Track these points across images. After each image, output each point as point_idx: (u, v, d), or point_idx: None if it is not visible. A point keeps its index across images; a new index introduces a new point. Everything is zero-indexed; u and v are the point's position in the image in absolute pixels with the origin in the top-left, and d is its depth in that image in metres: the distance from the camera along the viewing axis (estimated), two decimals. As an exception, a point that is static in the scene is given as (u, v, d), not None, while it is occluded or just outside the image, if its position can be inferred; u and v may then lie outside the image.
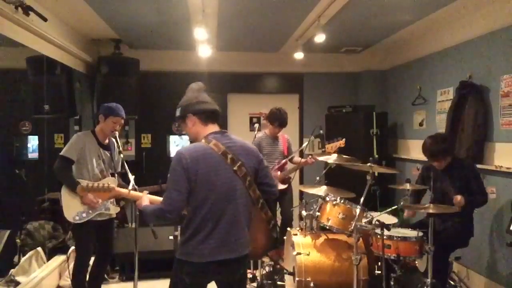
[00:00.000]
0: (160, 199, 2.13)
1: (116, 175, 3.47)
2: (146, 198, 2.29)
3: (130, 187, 2.59)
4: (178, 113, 2.23)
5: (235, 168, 2.07)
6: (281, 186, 4.48)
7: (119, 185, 3.43)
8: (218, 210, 2.04)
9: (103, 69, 5.24)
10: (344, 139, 3.93)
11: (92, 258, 3.60)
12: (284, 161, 4.42)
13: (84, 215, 3.25)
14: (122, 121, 3.42)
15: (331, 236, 3.47)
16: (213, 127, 2.19)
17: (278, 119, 4.44)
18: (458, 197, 3.26)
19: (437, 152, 3.42)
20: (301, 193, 5.73)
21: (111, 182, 3.39)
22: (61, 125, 5.33)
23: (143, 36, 5.25)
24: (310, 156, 4.38)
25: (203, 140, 2.12)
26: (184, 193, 2.00)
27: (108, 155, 3.45)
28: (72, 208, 3.23)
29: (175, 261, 2.10)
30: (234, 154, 2.09)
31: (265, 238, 2.26)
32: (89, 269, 3.58)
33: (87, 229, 3.30)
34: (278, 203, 4.58)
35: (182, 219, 2.11)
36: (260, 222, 2.20)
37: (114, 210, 3.45)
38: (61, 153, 3.26)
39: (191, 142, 2.24)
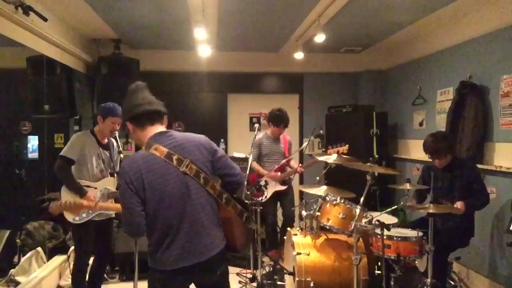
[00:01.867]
0: None
1: (115, 175, 3.47)
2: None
3: (97, 198, 2.58)
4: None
5: (183, 169, 1.95)
6: (281, 187, 4.48)
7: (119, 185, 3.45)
8: (175, 217, 1.94)
9: (103, 69, 5.24)
10: (347, 146, 3.93)
11: (92, 258, 3.61)
12: (283, 161, 4.42)
13: (84, 215, 3.25)
14: (121, 121, 3.42)
15: (331, 236, 3.47)
16: (153, 129, 2.06)
17: (283, 120, 4.45)
18: (458, 204, 3.26)
19: (438, 149, 3.42)
20: (301, 193, 5.73)
21: (110, 182, 3.41)
22: (61, 125, 5.33)
23: (143, 36, 5.25)
24: (300, 165, 4.44)
25: (143, 148, 2.01)
26: (138, 207, 1.91)
27: (108, 154, 3.46)
28: None
29: (148, 268, 2.04)
30: (179, 154, 1.96)
31: (242, 231, 2.14)
32: (89, 269, 3.59)
33: (86, 229, 3.30)
34: (279, 203, 4.58)
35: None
36: (231, 217, 2.08)
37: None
38: (61, 154, 3.26)
39: (136, 148, 2.19)
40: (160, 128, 2.09)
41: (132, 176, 1.91)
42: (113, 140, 3.53)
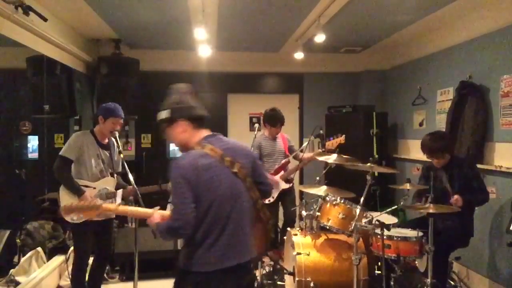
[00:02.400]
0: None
1: (115, 175, 3.47)
2: (157, 215, 2.11)
3: (118, 200, 2.48)
4: (164, 115, 2.11)
5: (235, 170, 1.99)
6: (285, 186, 4.48)
7: (118, 185, 3.45)
8: (223, 217, 1.96)
9: (103, 69, 5.24)
10: (344, 136, 3.93)
11: (92, 259, 3.61)
12: (285, 160, 4.41)
13: (82, 215, 3.24)
14: (122, 121, 3.42)
15: (331, 236, 3.47)
16: (205, 132, 2.11)
17: (279, 119, 4.44)
18: (456, 197, 3.26)
19: (436, 149, 3.42)
20: (301, 193, 5.73)
21: (110, 182, 3.41)
22: (61, 125, 5.33)
23: (143, 36, 5.25)
24: (311, 154, 4.40)
25: (198, 147, 2.03)
26: (190, 204, 1.90)
27: (108, 155, 3.45)
28: None
29: (178, 272, 2.01)
30: (231, 156, 2.00)
31: (263, 239, 2.19)
32: (89, 269, 3.59)
33: (85, 229, 3.29)
34: (280, 203, 4.57)
35: None
36: (259, 223, 2.13)
37: None
38: (60, 153, 3.26)
39: (179, 149, 2.14)
40: (209, 131, 2.13)
41: (189, 172, 1.92)
42: (114, 140, 3.52)
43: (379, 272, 3.18)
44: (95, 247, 3.52)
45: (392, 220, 3.53)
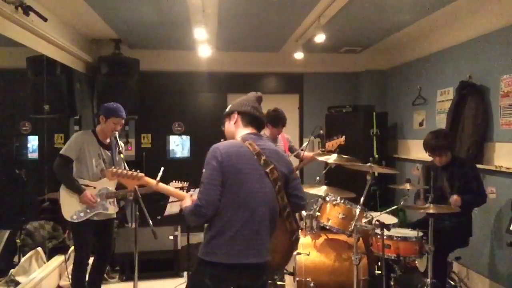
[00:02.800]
0: None
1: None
2: (188, 200, 2.18)
3: (158, 178, 2.46)
4: (228, 109, 2.24)
5: (267, 170, 2.03)
6: None
7: (118, 185, 3.45)
8: (247, 211, 1.98)
9: (103, 69, 5.24)
10: (344, 136, 3.93)
11: (92, 259, 3.61)
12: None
13: (82, 214, 3.25)
14: (123, 122, 3.42)
15: (331, 236, 3.47)
16: (249, 129, 2.18)
17: (280, 120, 4.43)
18: (455, 197, 3.26)
19: (438, 147, 3.42)
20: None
21: (110, 182, 3.40)
22: (61, 125, 5.33)
23: (143, 36, 5.25)
24: (312, 154, 4.39)
25: (239, 138, 2.12)
26: (218, 186, 1.96)
27: (109, 154, 3.45)
28: (71, 207, 3.24)
29: (198, 261, 2.03)
30: (267, 157, 2.06)
31: (285, 250, 2.18)
32: (89, 269, 3.59)
33: (85, 229, 3.30)
34: None
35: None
36: (283, 232, 2.13)
37: (112, 210, 3.45)
38: (61, 152, 3.26)
39: (227, 139, 2.22)
40: (255, 131, 2.20)
41: (225, 156, 1.99)
42: (115, 140, 3.52)
43: (379, 272, 3.17)
44: (95, 248, 3.53)
45: (392, 220, 3.53)
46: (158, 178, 2.43)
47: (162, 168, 2.58)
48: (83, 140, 3.32)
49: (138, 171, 2.49)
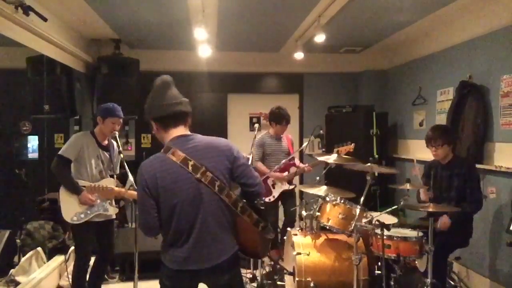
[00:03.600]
0: None
1: (115, 176, 3.46)
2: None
3: (127, 186, 2.58)
4: (145, 115, 2.09)
5: (198, 176, 1.93)
6: (287, 187, 4.47)
7: (117, 186, 3.45)
8: (187, 222, 1.95)
9: (103, 69, 5.24)
10: (353, 144, 3.97)
11: (92, 259, 3.61)
12: (285, 161, 4.41)
13: (82, 215, 3.25)
14: (121, 121, 3.42)
15: (331, 236, 3.47)
16: (175, 131, 2.03)
17: (284, 117, 4.44)
18: (443, 219, 3.32)
19: (433, 136, 3.46)
20: (301, 193, 5.73)
21: (110, 183, 3.41)
22: (61, 125, 5.34)
23: (143, 36, 5.25)
24: (307, 165, 4.43)
25: (162, 150, 2.01)
26: (152, 212, 1.95)
27: (108, 156, 3.45)
28: (70, 209, 3.24)
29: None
30: (196, 160, 1.94)
31: (259, 239, 2.11)
32: (90, 269, 3.59)
33: (86, 229, 3.30)
34: (281, 202, 4.56)
35: None
36: (247, 225, 2.05)
37: (113, 211, 3.46)
38: (59, 153, 3.26)
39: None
40: (182, 130, 2.06)
41: (148, 179, 1.94)
42: (113, 142, 3.52)
43: (379, 272, 3.17)
44: (97, 248, 3.53)
45: (392, 220, 3.53)
46: (126, 187, 2.58)
47: (130, 176, 2.71)
48: (82, 141, 3.32)
49: (107, 185, 2.63)
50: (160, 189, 1.93)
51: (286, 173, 4.43)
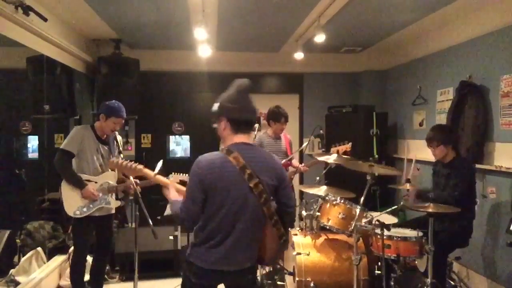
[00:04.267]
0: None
1: (115, 169, 3.48)
2: (172, 190, 2.29)
3: (157, 170, 2.56)
4: (215, 108, 2.15)
5: (251, 184, 2.02)
6: None
7: (119, 179, 3.47)
8: (228, 224, 2.03)
9: (103, 69, 5.24)
10: (350, 143, 3.96)
11: (91, 259, 3.61)
12: (285, 161, 4.41)
13: (84, 209, 3.26)
14: (123, 122, 3.43)
15: (331, 236, 3.47)
16: (242, 138, 2.12)
17: (282, 115, 4.44)
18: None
19: (431, 137, 3.48)
20: (301, 193, 5.73)
21: (110, 176, 3.41)
22: (61, 125, 5.33)
23: (143, 36, 5.25)
24: (303, 165, 4.43)
25: (224, 151, 2.07)
26: (198, 203, 2.00)
27: (107, 149, 3.46)
28: (73, 203, 3.24)
29: (185, 261, 2.13)
30: (253, 170, 2.02)
31: (275, 248, 2.23)
32: (90, 267, 3.60)
33: (86, 223, 3.31)
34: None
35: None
36: (272, 236, 2.17)
37: (114, 204, 3.47)
38: (61, 147, 3.27)
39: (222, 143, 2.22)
40: (247, 138, 2.15)
41: (207, 174, 2.00)
42: (118, 136, 3.54)
43: (379, 272, 3.17)
44: (95, 244, 3.54)
45: (392, 220, 3.53)
46: (156, 171, 2.51)
47: (161, 161, 2.64)
48: (83, 134, 3.34)
49: (137, 163, 2.55)
50: (213, 187, 2.00)
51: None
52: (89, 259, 3.67)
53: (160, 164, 2.62)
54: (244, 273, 2.13)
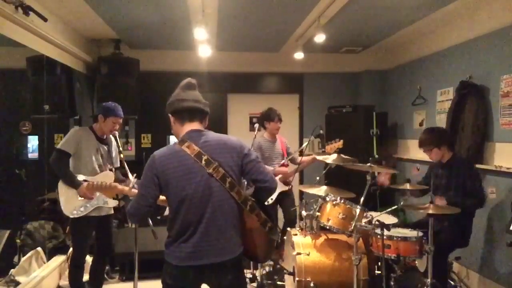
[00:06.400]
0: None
1: (114, 170, 3.48)
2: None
3: (131, 185, 2.58)
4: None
5: (210, 170, 1.96)
6: (284, 188, 4.47)
7: (116, 180, 3.46)
8: (195, 214, 1.96)
9: (103, 69, 5.24)
10: (342, 140, 3.95)
11: (90, 258, 3.61)
12: (283, 162, 4.41)
13: (82, 209, 3.26)
14: (121, 121, 3.44)
15: (331, 236, 3.47)
16: (191, 126, 2.09)
17: (276, 114, 4.45)
18: (437, 199, 3.28)
19: (423, 140, 3.48)
20: (301, 193, 5.73)
21: (109, 176, 3.42)
22: (61, 125, 5.33)
23: (143, 36, 5.25)
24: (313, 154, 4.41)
25: (177, 142, 2.05)
26: (149, 198, 1.97)
27: (106, 149, 3.47)
28: (70, 203, 3.24)
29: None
30: (210, 155, 1.98)
31: (264, 241, 2.12)
32: (90, 267, 3.60)
33: (84, 223, 3.31)
34: (279, 205, 4.56)
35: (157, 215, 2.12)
36: (254, 225, 2.07)
37: (113, 203, 3.46)
38: (58, 146, 3.27)
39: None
40: (197, 126, 2.11)
41: (160, 168, 1.97)
42: (112, 138, 3.54)
43: (379, 272, 3.17)
44: (95, 244, 3.54)
45: (392, 220, 3.53)
46: (130, 185, 2.56)
47: (134, 175, 2.71)
48: (81, 135, 3.34)
49: (110, 182, 2.59)
50: (171, 180, 1.96)
51: (279, 176, 4.39)
52: (89, 259, 3.67)
53: (134, 177, 2.70)
54: (224, 270, 2.01)
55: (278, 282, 3.81)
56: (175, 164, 1.97)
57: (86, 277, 3.78)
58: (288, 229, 3.77)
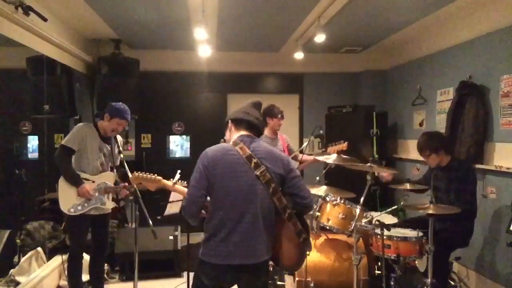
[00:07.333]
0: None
1: (114, 169, 3.48)
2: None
3: (174, 180, 2.60)
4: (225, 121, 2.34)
5: (257, 173, 2.05)
6: None
7: (117, 181, 3.47)
8: (236, 213, 2.03)
9: (103, 69, 5.24)
10: (346, 142, 3.96)
11: (88, 258, 3.61)
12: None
13: (79, 207, 3.26)
14: (126, 124, 3.44)
15: (331, 236, 3.47)
16: (245, 132, 2.23)
17: (278, 111, 4.44)
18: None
19: (421, 146, 3.47)
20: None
21: (110, 177, 3.42)
22: (61, 125, 5.33)
23: (143, 36, 5.25)
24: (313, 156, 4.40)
25: (231, 142, 2.16)
26: (201, 189, 2.04)
27: (109, 148, 3.47)
28: (68, 200, 3.25)
29: (198, 261, 2.11)
30: (259, 159, 2.08)
31: (294, 252, 2.17)
32: (89, 267, 3.60)
33: (81, 221, 3.31)
34: None
35: (202, 222, 2.13)
36: (289, 233, 2.13)
37: (110, 205, 3.47)
38: (62, 143, 3.28)
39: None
40: (247, 133, 2.24)
41: (211, 162, 2.06)
42: (114, 137, 3.54)
43: (379, 272, 3.17)
44: (92, 242, 3.54)
45: (392, 220, 3.53)
46: (174, 180, 2.60)
47: (179, 171, 2.70)
48: (86, 131, 3.34)
49: (156, 174, 2.60)
50: (218, 175, 2.04)
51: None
52: (87, 258, 3.66)
53: (178, 174, 2.66)
54: (259, 271, 2.08)
55: (278, 282, 3.81)
56: (224, 161, 2.06)
57: (86, 277, 3.78)
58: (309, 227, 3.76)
